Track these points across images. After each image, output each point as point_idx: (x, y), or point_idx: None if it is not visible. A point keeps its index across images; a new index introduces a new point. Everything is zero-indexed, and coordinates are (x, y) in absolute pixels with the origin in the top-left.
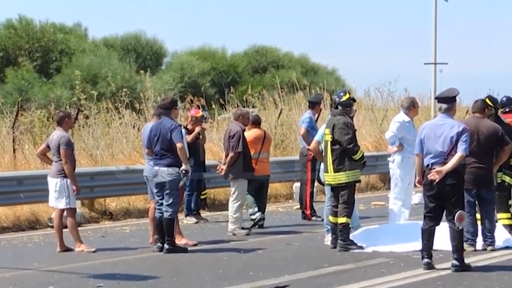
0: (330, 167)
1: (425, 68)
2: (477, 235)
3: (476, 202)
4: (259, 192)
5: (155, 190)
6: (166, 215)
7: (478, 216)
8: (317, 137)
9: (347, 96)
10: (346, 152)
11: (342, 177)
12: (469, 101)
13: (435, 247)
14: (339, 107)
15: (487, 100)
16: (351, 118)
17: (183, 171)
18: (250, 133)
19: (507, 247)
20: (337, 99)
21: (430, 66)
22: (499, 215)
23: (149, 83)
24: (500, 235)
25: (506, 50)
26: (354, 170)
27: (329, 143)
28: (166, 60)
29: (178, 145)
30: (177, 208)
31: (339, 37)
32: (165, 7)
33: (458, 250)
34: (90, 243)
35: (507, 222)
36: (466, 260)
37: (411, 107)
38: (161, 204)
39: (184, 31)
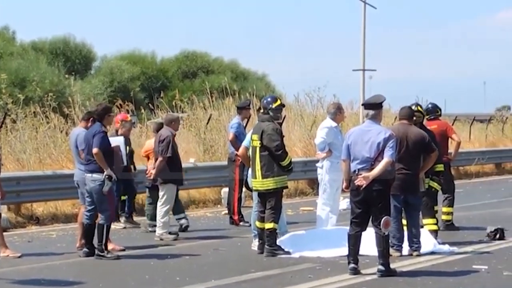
0: (259, 173)
1: (355, 74)
2: (403, 240)
3: (402, 207)
4: None
5: (86, 195)
6: (99, 220)
7: (404, 221)
8: (245, 143)
9: (278, 102)
10: (274, 158)
11: (270, 183)
12: (398, 107)
13: (361, 252)
14: (270, 113)
15: (418, 108)
16: (280, 124)
17: (106, 176)
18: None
19: (432, 253)
20: (268, 105)
21: (359, 72)
22: (425, 221)
23: (75, 87)
24: (426, 240)
25: (434, 57)
26: (282, 176)
27: (257, 149)
28: (95, 65)
29: (93, 150)
30: (109, 214)
31: (269, 43)
32: (95, 11)
33: (384, 256)
34: (15, 248)
35: (433, 227)
36: (392, 265)
37: (337, 112)
38: (89, 210)
39: (114, 35)
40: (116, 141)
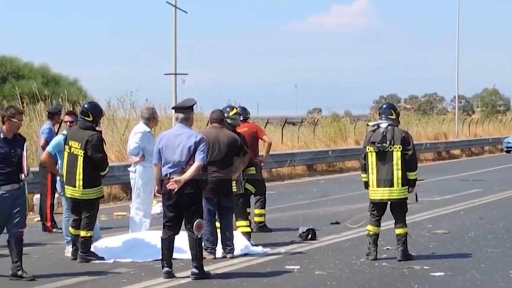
0: (79, 182)
1: (168, 78)
2: (216, 243)
3: (216, 210)
4: None
5: None
6: None
7: (217, 224)
8: (49, 148)
9: (103, 113)
10: (98, 168)
11: (91, 193)
12: (211, 111)
13: (175, 255)
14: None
15: (236, 110)
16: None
17: None
18: None
19: (246, 254)
20: (94, 111)
21: (172, 76)
22: (238, 223)
23: None
24: (239, 242)
25: (247, 61)
26: (101, 186)
27: (80, 158)
28: None
29: None
30: None
31: (81, 47)
32: None
33: (197, 258)
34: None
35: (246, 229)
36: (206, 268)
37: (151, 117)
38: None
39: None
40: None
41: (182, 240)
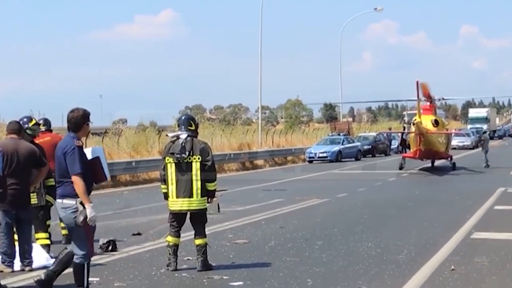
0: None
1: None
2: (15, 256)
3: (14, 223)
4: None
5: None
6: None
7: (16, 237)
8: None
9: None
10: None
11: None
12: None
13: None
14: None
15: (34, 121)
16: None
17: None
18: None
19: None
20: None
21: None
22: (38, 235)
23: None
24: (38, 255)
25: (49, 70)
26: None
27: None
28: None
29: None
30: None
31: None
32: None
33: None
34: None
35: (45, 241)
36: (3, 282)
37: None
38: None
39: None
40: (95, 151)
41: None
